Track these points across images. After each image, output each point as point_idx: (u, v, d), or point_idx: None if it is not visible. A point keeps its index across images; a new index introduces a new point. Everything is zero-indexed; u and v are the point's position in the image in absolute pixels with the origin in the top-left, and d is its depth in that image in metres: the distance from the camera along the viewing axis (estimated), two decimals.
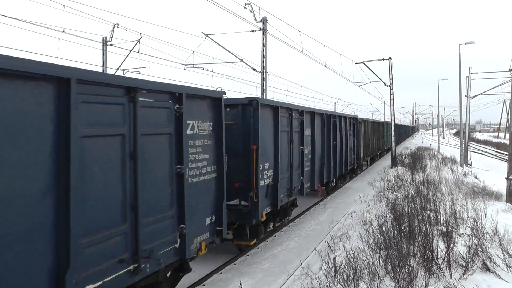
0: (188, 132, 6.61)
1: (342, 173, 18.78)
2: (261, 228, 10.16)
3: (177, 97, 6.33)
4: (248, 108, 9.33)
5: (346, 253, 7.95)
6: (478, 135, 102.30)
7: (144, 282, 5.79)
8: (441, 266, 6.88)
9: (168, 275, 6.60)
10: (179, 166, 6.36)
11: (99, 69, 19.72)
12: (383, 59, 27.56)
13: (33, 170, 4.09)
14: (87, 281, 4.65)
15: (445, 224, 9.04)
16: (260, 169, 9.45)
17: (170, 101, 6.23)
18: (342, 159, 18.39)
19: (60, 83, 4.32)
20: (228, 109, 9.08)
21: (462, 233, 8.95)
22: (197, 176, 6.94)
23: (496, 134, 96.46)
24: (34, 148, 4.09)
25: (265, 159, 9.79)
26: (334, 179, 17.56)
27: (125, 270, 5.25)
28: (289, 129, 11.39)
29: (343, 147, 18.61)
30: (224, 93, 7.68)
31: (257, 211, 9.39)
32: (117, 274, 5.13)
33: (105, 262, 4.94)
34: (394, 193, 14.87)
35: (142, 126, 5.53)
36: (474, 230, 8.80)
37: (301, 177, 12.13)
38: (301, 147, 11.90)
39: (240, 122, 9.35)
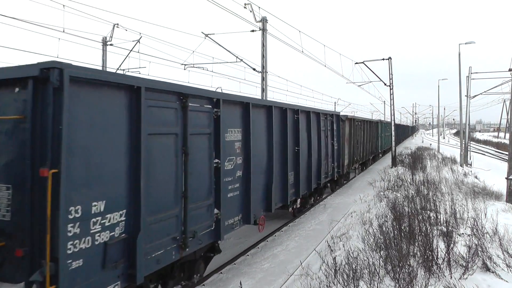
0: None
1: (311, 190, 13.68)
2: None
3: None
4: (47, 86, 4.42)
5: (346, 253, 7.95)
6: (478, 135, 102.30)
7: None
8: (441, 266, 6.88)
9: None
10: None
11: (100, 68, 19.72)
12: (383, 59, 27.56)
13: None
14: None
15: (445, 224, 9.04)
16: (73, 217, 4.58)
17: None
18: (311, 170, 13.33)
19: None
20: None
21: (462, 233, 8.95)
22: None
23: (496, 134, 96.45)
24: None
25: (97, 190, 4.97)
26: (298, 200, 12.62)
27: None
28: (181, 130, 6.50)
29: (314, 153, 13.72)
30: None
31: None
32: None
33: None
34: (394, 193, 14.87)
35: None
36: (474, 230, 8.80)
37: (215, 211, 7.52)
38: (215, 161, 7.48)
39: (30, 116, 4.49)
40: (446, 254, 7.07)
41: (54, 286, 4.22)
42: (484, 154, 48.11)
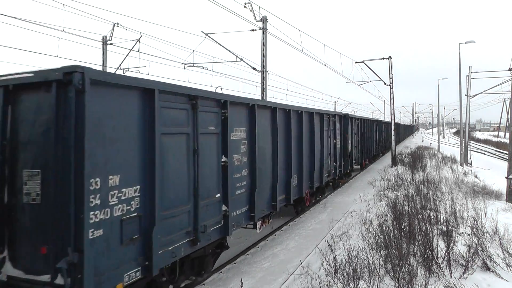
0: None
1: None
2: None
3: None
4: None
5: (346, 252, 7.95)
6: (478, 134, 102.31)
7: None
8: (441, 265, 6.88)
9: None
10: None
11: (99, 69, 19.72)
12: (383, 58, 27.54)
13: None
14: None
15: (445, 223, 9.05)
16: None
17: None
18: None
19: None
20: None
21: (462, 232, 8.95)
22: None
23: (496, 133, 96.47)
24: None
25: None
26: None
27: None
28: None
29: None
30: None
31: None
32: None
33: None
34: (394, 192, 14.88)
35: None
36: (474, 229, 8.81)
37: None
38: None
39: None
40: (446, 254, 7.08)
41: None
42: (484, 154, 48.11)
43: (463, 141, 33.32)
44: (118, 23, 18.55)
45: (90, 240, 4.69)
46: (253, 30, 17.26)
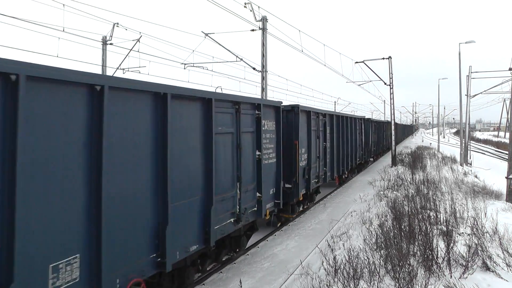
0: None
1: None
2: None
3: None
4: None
5: (346, 252, 7.95)
6: (478, 134, 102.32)
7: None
8: (441, 265, 6.88)
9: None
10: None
11: (99, 69, 19.71)
12: (383, 58, 27.54)
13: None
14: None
15: (445, 223, 9.05)
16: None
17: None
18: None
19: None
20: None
21: (462, 232, 8.95)
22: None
23: (496, 133, 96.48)
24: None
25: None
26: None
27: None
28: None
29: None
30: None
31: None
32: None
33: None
34: (394, 192, 14.88)
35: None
36: (474, 229, 8.81)
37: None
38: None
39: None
40: (446, 254, 7.08)
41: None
42: (484, 154, 48.11)
43: (463, 141, 33.33)
44: (118, 23, 18.54)
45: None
46: (253, 30, 17.25)
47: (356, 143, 22.49)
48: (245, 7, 16.10)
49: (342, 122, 18.72)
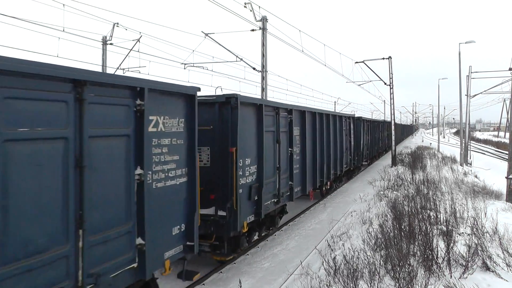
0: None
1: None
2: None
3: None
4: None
5: (346, 252, 7.95)
6: (478, 134, 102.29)
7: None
8: (441, 265, 6.88)
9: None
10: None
11: (99, 68, 19.71)
12: (383, 58, 27.53)
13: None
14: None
15: (445, 223, 9.04)
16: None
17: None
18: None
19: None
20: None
21: (462, 232, 8.95)
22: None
23: (496, 133, 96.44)
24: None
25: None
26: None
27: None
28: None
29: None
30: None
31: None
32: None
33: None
34: (394, 192, 14.87)
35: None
36: (474, 229, 8.80)
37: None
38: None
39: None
40: (446, 254, 7.08)
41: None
42: (484, 154, 48.10)
43: (463, 141, 33.33)
44: (118, 23, 18.55)
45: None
46: (253, 30, 17.25)
47: (342, 146, 18.39)
48: (245, 7, 16.10)
49: (319, 121, 14.39)
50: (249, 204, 9.03)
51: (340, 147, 17.80)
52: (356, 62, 27.45)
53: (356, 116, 23.15)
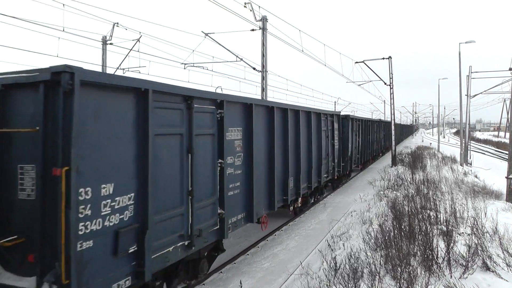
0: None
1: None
2: None
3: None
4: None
5: (347, 253, 7.95)
6: (478, 134, 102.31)
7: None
8: (441, 265, 6.88)
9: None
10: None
11: (99, 68, 19.71)
12: (383, 58, 27.52)
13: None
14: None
15: (445, 223, 9.04)
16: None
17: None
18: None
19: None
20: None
21: (462, 232, 8.95)
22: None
23: (496, 133, 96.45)
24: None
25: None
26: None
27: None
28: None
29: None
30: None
31: None
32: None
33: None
34: (394, 192, 14.87)
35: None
36: (474, 229, 8.80)
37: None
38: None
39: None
40: (446, 254, 7.07)
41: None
42: (484, 153, 48.11)
43: (463, 141, 33.33)
44: (118, 23, 18.54)
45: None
46: (253, 30, 17.25)
47: (321, 151, 14.70)
48: (245, 6, 16.09)
49: (281, 119, 10.98)
50: (115, 262, 5.18)
51: (317, 153, 14.33)
52: (356, 62, 27.45)
53: (342, 114, 19.84)
